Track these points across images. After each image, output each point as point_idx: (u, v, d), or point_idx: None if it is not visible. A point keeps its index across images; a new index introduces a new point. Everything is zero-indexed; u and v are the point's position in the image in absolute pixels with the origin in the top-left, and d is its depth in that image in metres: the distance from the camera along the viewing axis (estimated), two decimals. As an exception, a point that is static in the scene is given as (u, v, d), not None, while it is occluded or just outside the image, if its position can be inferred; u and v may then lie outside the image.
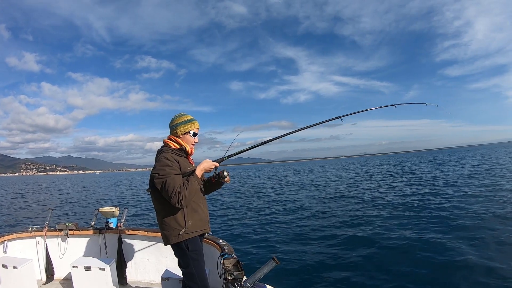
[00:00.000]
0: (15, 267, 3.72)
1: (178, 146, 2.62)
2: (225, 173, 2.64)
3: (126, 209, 4.78)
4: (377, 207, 12.32)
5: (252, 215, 12.41)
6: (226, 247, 3.44)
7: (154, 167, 2.47)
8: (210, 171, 2.69)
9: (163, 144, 2.69)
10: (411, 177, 24.19)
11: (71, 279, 4.18)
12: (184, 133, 2.66)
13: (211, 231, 4.04)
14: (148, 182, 2.59)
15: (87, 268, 3.78)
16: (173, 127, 2.67)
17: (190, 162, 2.70)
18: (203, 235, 2.79)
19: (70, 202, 21.55)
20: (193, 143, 2.72)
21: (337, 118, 3.32)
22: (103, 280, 3.77)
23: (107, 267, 3.79)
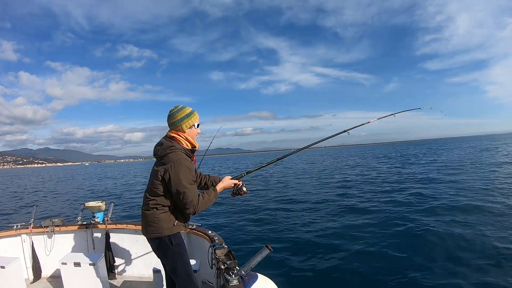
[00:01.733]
0: (2, 267, 3.63)
1: (190, 146, 2.65)
2: (244, 189, 2.87)
3: (113, 203, 4.75)
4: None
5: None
6: (216, 238, 3.48)
7: (175, 170, 2.43)
8: (230, 188, 2.88)
9: (167, 137, 2.65)
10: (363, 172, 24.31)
11: (59, 277, 4.14)
12: (189, 127, 2.65)
13: (199, 223, 4.10)
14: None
15: (77, 264, 3.74)
16: (176, 123, 2.61)
17: (194, 161, 2.74)
18: None
19: (53, 198, 20.98)
20: (197, 133, 2.73)
21: (344, 132, 3.63)
22: (93, 275, 3.76)
23: (97, 263, 3.78)
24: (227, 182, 2.82)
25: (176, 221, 2.56)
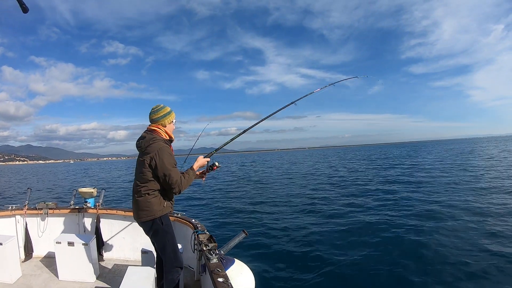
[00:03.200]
0: (0, 244, 3.86)
1: (168, 137, 3.10)
2: (217, 163, 3.30)
3: (104, 190, 5.05)
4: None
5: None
6: (199, 225, 3.87)
7: (159, 156, 2.82)
8: (204, 165, 3.28)
9: (148, 130, 3.08)
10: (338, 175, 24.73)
11: (50, 257, 4.40)
12: (170, 123, 3.15)
13: (184, 212, 4.45)
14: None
15: (70, 244, 4.01)
16: (158, 119, 3.08)
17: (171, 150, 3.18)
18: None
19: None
20: (173, 129, 3.24)
21: (292, 103, 4.08)
22: (86, 255, 4.02)
23: (89, 243, 4.05)
24: (201, 161, 3.24)
25: (165, 202, 2.98)
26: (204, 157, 3.28)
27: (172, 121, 3.17)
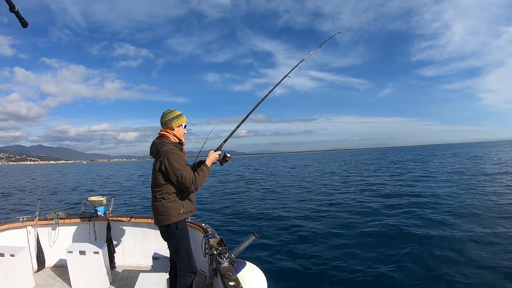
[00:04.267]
0: (12, 255, 3.89)
1: (177, 140, 3.10)
2: (228, 155, 3.27)
3: (113, 198, 5.08)
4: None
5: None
6: (209, 229, 3.90)
7: (167, 159, 2.82)
8: (217, 160, 3.27)
9: (158, 136, 3.11)
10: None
11: (62, 266, 4.44)
12: (178, 126, 3.12)
13: (193, 217, 4.46)
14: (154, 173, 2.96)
15: (82, 253, 4.04)
16: (167, 122, 3.08)
17: (184, 153, 3.15)
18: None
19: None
20: (184, 133, 3.21)
21: (285, 76, 4.05)
22: (98, 263, 4.06)
23: (100, 251, 4.08)
24: (212, 155, 3.21)
25: (182, 209, 2.96)
26: (214, 151, 3.27)
27: (181, 125, 3.14)
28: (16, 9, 1.28)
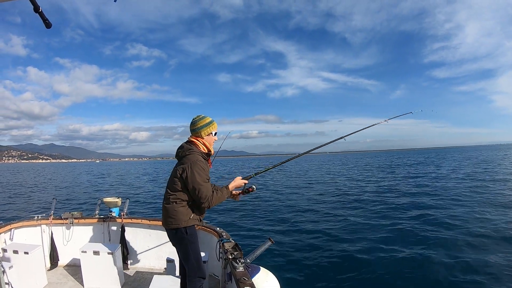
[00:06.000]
0: (26, 252, 3.94)
1: (206, 150, 3.04)
2: (253, 187, 3.18)
3: (128, 199, 5.11)
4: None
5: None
6: (224, 234, 3.87)
7: (191, 169, 2.78)
8: (240, 187, 3.19)
9: (187, 141, 3.07)
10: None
11: (75, 265, 4.48)
12: (208, 135, 3.06)
13: (208, 221, 4.45)
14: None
15: (96, 253, 4.07)
16: (197, 130, 3.02)
17: (209, 165, 3.10)
18: None
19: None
20: (214, 140, 3.15)
21: (341, 138, 4.01)
22: (111, 263, 4.08)
23: (114, 252, 4.10)
24: (238, 181, 3.15)
25: (193, 214, 2.93)
26: (242, 179, 3.19)
27: (211, 133, 3.06)
28: (40, 10, 1.28)
